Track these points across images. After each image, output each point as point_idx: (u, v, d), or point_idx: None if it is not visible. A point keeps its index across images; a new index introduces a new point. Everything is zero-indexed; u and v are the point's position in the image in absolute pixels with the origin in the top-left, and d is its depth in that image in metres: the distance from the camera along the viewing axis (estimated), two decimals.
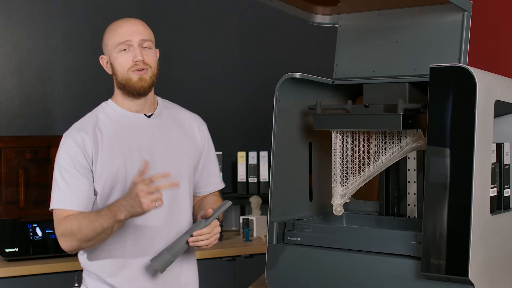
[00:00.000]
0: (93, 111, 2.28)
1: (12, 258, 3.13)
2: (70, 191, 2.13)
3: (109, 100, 2.29)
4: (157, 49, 2.28)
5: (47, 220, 3.19)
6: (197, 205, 2.37)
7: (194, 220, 2.30)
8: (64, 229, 2.11)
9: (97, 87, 3.84)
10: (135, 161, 2.18)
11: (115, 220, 2.03)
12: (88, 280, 2.23)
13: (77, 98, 3.79)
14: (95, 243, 2.12)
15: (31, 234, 3.15)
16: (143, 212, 2.00)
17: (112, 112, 2.25)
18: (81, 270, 2.29)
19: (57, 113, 3.75)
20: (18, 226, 3.15)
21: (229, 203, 2.20)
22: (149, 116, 2.25)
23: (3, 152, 3.25)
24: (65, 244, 2.13)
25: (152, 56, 2.20)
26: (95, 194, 2.17)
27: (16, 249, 3.12)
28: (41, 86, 3.72)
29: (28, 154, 3.32)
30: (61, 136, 3.49)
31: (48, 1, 3.75)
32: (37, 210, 3.26)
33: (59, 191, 2.14)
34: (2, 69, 3.65)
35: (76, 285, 2.26)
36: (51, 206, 2.15)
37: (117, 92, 2.26)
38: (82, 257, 2.23)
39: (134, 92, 2.20)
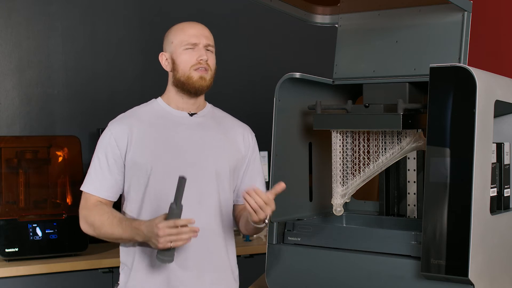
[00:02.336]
0: (141, 104, 2.34)
1: (12, 258, 3.12)
2: (99, 178, 2.24)
3: (159, 97, 2.33)
4: None
5: (47, 220, 3.20)
6: (240, 214, 2.35)
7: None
8: (87, 216, 2.23)
9: (97, 87, 3.85)
10: (165, 156, 2.20)
11: (133, 238, 2.16)
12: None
13: (77, 98, 3.79)
14: (112, 241, 2.25)
15: (31, 234, 3.15)
16: (155, 247, 2.10)
17: (157, 107, 2.30)
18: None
19: (57, 113, 3.75)
20: (18, 226, 3.15)
21: (183, 179, 2.07)
22: (191, 115, 2.28)
23: (3, 152, 3.25)
24: (83, 227, 2.25)
25: (213, 60, 2.28)
26: (124, 184, 2.27)
27: (16, 249, 3.12)
28: (41, 86, 3.72)
29: (28, 154, 3.32)
30: (61, 136, 3.52)
31: (48, 1, 3.74)
32: (37, 210, 3.26)
33: (89, 176, 2.26)
34: (2, 69, 3.65)
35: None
36: (81, 187, 2.28)
37: (170, 89, 2.30)
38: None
39: (192, 90, 2.24)
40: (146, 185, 2.21)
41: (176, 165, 2.20)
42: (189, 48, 2.24)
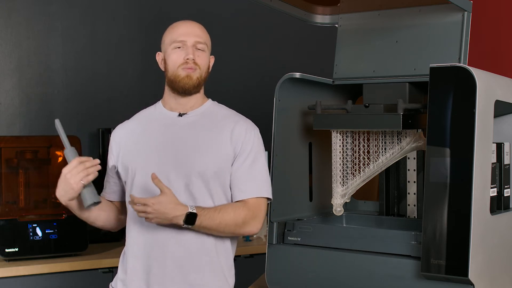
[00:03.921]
0: (147, 107, 2.38)
1: (12, 258, 3.12)
2: (105, 182, 2.36)
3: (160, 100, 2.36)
4: (212, 56, 2.33)
5: (47, 220, 3.20)
6: None
7: None
8: None
9: (97, 87, 3.85)
10: (150, 158, 2.21)
11: (65, 205, 2.20)
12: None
13: (77, 98, 3.79)
14: (90, 220, 2.31)
15: (31, 234, 3.15)
16: (75, 193, 2.13)
17: (154, 110, 2.33)
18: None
19: (57, 113, 3.75)
20: (18, 226, 3.15)
21: (56, 121, 2.19)
22: (181, 115, 2.27)
23: (3, 152, 3.25)
24: None
25: (203, 58, 2.26)
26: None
27: (16, 249, 3.12)
28: (41, 86, 3.72)
29: (28, 154, 3.32)
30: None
31: (48, 1, 3.74)
32: (37, 210, 3.26)
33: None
34: (2, 69, 3.65)
35: None
36: None
37: (166, 89, 2.32)
38: None
39: (179, 89, 2.25)
40: (132, 186, 2.23)
41: (160, 166, 2.19)
42: (177, 47, 2.24)
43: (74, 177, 2.10)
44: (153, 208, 2.08)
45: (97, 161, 2.15)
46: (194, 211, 2.11)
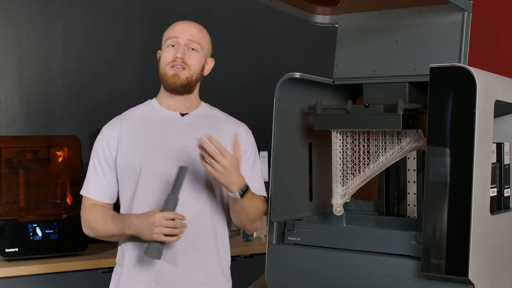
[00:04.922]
0: (138, 105, 2.36)
1: (12, 258, 3.13)
2: (94, 181, 2.27)
3: (154, 98, 2.34)
4: (212, 58, 2.33)
5: (47, 220, 3.20)
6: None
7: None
8: (84, 218, 2.26)
9: (97, 87, 3.85)
10: (154, 157, 2.20)
11: (123, 232, 2.16)
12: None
13: (77, 98, 3.79)
14: (109, 240, 2.26)
15: (31, 234, 3.15)
16: (147, 239, 2.09)
17: (150, 108, 2.31)
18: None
19: (57, 113, 3.75)
20: (18, 226, 3.15)
21: (185, 168, 2.11)
22: (183, 115, 2.27)
23: (3, 152, 3.26)
24: (84, 230, 2.28)
25: (195, 59, 2.24)
26: (118, 186, 2.28)
27: (16, 249, 3.12)
28: (41, 86, 3.72)
29: (28, 154, 3.32)
30: (61, 136, 3.52)
31: (48, 1, 3.75)
32: (37, 210, 3.26)
33: (86, 179, 2.29)
34: (2, 69, 3.65)
35: None
36: (81, 192, 2.31)
37: (161, 88, 2.31)
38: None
39: (166, 87, 2.25)
40: (136, 185, 2.22)
41: (165, 166, 2.19)
42: (170, 45, 2.23)
43: (159, 228, 2.05)
44: (230, 161, 2.05)
45: (185, 224, 2.09)
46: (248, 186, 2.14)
